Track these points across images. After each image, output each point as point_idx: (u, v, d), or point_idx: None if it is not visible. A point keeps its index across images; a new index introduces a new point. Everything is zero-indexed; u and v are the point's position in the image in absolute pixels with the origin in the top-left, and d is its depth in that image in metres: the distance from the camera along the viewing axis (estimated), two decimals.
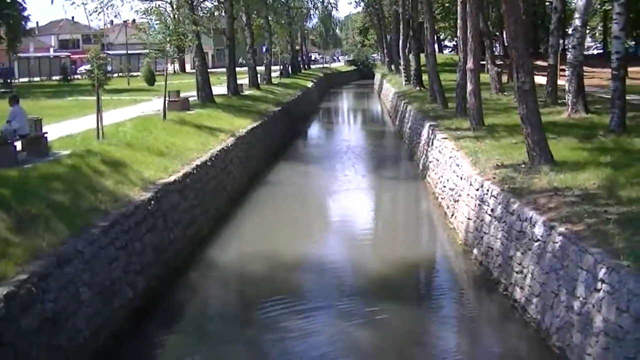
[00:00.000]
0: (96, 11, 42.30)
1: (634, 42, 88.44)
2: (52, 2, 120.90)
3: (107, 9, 43.18)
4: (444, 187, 27.59)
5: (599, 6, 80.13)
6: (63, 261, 14.37)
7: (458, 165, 25.56)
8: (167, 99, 35.64)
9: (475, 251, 21.08)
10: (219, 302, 19.37)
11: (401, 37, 71.90)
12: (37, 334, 12.63)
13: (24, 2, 66.05)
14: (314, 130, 67.34)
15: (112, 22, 53.84)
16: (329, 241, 26.21)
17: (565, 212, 15.97)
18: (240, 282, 20.75)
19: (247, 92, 57.20)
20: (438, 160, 30.24)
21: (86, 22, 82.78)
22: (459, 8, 36.39)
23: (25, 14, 70.41)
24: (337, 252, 24.64)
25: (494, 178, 21.16)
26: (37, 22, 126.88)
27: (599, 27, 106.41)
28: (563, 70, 36.12)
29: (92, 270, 15.54)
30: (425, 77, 57.09)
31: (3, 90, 56.69)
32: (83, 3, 38.89)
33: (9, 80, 70.63)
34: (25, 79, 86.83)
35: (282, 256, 22.64)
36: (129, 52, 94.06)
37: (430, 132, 34.22)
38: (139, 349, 16.15)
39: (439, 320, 18.33)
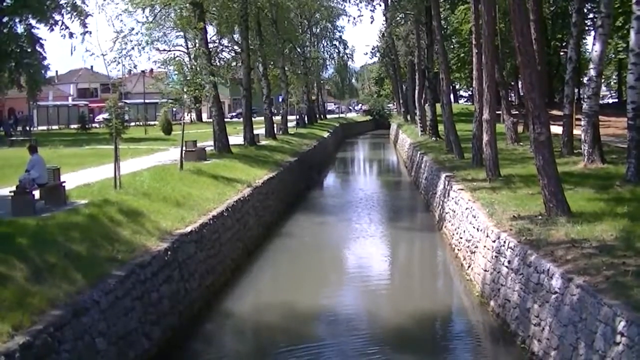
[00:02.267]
0: (115, 61, 42.61)
1: None
2: (71, 53, 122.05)
3: (125, 59, 43.54)
4: (461, 238, 27.50)
5: (613, 55, 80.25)
6: (79, 311, 14.37)
7: (474, 217, 25.49)
8: (184, 148, 35.81)
9: (492, 303, 20.94)
10: (234, 353, 19.28)
11: (417, 87, 72.29)
12: None
13: (44, 52, 66.46)
14: (330, 180, 67.33)
15: (130, 71, 54.18)
16: (344, 292, 26.05)
17: (583, 264, 15.87)
18: (256, 333, 20.65)
19: (263, 142, 57.43)
20: (454, 212, 30.17)
21: (104, 72, 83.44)
22: (474, 59, 36.57)
23: (45, 62, 70.87)
24: (353, 303, 24.52)
25: (511, 230, 21.08)
26: (56, 71, 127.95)
27: (614, 76, 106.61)
28: (578, 119, 36.11)
29: (108, 320, 15.54)
30: (441, 127, 57.19)
31: (22, 138, 57.11)
32: (102, 54, 39.24)
33: (28, 128, 71.11)
34: (44, 127, 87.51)
35: (298, 307, 22.57)
36: (147, 101, 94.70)
37: (447, 183, 34.19)
38: None
39: None
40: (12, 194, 21.26)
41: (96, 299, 15.33)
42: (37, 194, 22.30)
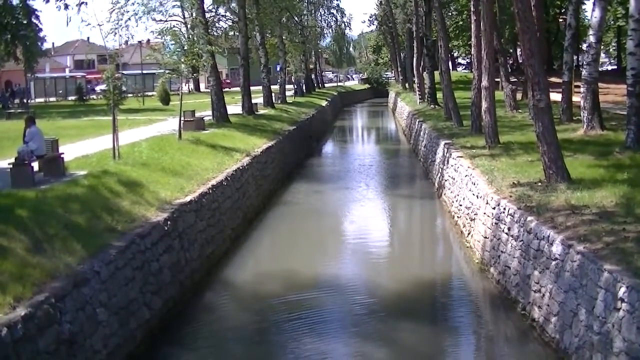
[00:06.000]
0: (112, 32, 42.41)
1: None
2: (67, 24, 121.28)
3: (122, 30, 43.34)
4: (460, 205, 27.51)
5: (612, 22, 79.99)
6: (80, 282, 14.38)
7: (474, 184, 25.48)
8: (182, 118, 35.74)
9: (492, 270, 20.99)
10: (235, 322, 19.27)
11: (415, 55, 72.05)
12: (54, 355, 12.61)
13: (40, 23, 66.37)
14: (329, 148, 67.31)
15: (126, 42, 53.97)
16: (344, 260, 26.10)
17: (583, 231, 15.88)
18: (256, 302, 20.63)
19: (262, 112, 57.26)
20: (454, 179, 30.17)
21: (101, 43, 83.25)
22: (472, 26, 36.39)
23: (42, 34, 70.75)
24: (353, 271, 24.57)
25: (511, 196, 21.07)
26: (52, 43, 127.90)
27: (613, 43, 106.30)
28: (577, 87, 36.01)
29: (109, 290, 15.55)
30: (439, 94, 57.10)
31: (19, 110, 56.93)
32: (99, 24, 39.03)
33: (25, 101, 70.97)
34: (42, 99, 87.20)
35: (298, 275, 22.66)
36: (144, 71, 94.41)
37: (446, 150, 34.16)
38: None
39: (456, 339, 18.22)
40: (11, 166, 21.18)
41: (96, 269, 15.32)
42: (35, 165, 22.23)
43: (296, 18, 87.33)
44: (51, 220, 16.79)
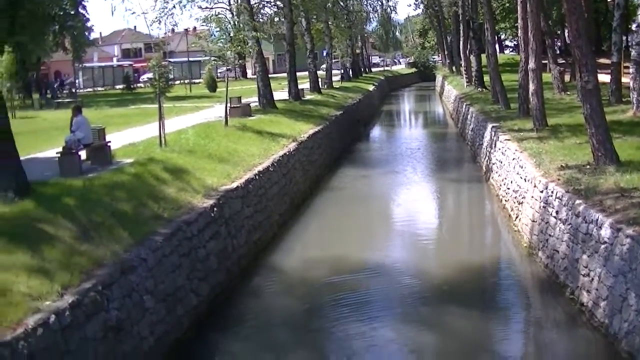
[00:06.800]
0: (156, 20, 42.64)
1: None
2: (112, 13, 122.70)
3: (166, 18, 43.56)
4: (508, 189, 27.28)
5: None
6: (127, 269, 14.50)
7: (522, 167, 25.25)
8: (228, 105, 35.83)
9: (540, 254, 20.79)
10: (282, 308, 19.30)
11: (461, 38, 71.38)
12: (102, 342, 12.73)
13: (87, 13, 67.00)
14: (376, 133, 67.18)
15: (172, 30, 54.28)
16: (393, 245, 26.07)
17: (633, 214, 15.63)
18: (304, 288, 20.64)
19: (308, 97, 57.23)
20: (501, 162, 29.92)
21: (147, 32, 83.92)
22: (519, 8, 35.93)
23: (89, 24, 71.40)
24: (401, 256, 24.51)
25: (559, 179, 20.84)
26: (100, 33, 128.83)
27: None
28: (627, 67, 35.48)
29: (156, 277, 15.66)
30: (486, 78, 56.60)
31: (68, 100, 57.55)
32: (143, 13, 39.30)
33: (73, 90, 71.72)
34: (90, 89, 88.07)
35: (346, 261, 22.61)
36: (190, 59, 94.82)
37: (493, 133, 33.88)
38: (203, 356, 16.22)
39: (505, 324, 18.09)
40: (59, 155, 21.42)
41: (143, 256, 15.44)
42: (83, 154, 22.45)
43: (342, 3, 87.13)
44: (98, 208, 16.94)
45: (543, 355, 16.33)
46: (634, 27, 34.05)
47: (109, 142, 24.25)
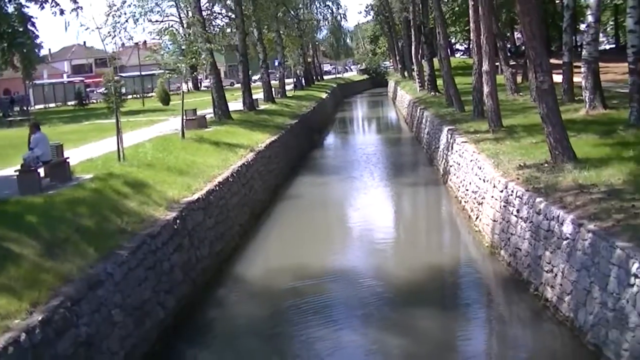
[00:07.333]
0: (110, 35, 42.41)
1: None
2: (65, 29, 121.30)
3: (120, 32, 43.36)
4: (467, 190, 27.53)
5: (609, 1, 79.84)
6: (94, 284, 14.43)
7: (480, 168, 25.49)
8: (184, 117, 35.77)
9: (502, 253, 21.01)
10: (247, 316, 19.27)
11: (413, 43, 71.92)
12: (72, 359, 12.66)
13: (37, 30, 66.29)
14: (331, 140, 67.37)
15: (123, 44, 54.02)
16: (353, 249, 26.13)
17: (593, 209, 15.90)
18: (267, 295, 20.63)
19: (262, 107, 57.34)
20: (459, 164, 30.18)
21: (97, 46, 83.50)
22: (471, 11, 36.29)
23: (38, 41, 70.72)
24: (362, 259, 24.58)
25: (518, 179, 21.09)
26: (49, 49, 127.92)
27: (610, 22, 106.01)
28: (577, 67, 36.00)
29: (123, 291, 15.60)
30: (439, 81, 57.07)
31: (20, 118, 57.04)
32: (97, 28, 39.20)
33: (25, 108, 71.03)
34: (41, 106, 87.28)
35: (307, 267, 22.68)
36: (142, 73, 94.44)
37: (450, 136, 34.16)
38: None
39: (469, 323, 18.22)
40: (18, 173, 21.21)
41: (110, 271, 15.37)
42: (42, 171, 22.24)
43: (292, 12, 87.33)
44: (61, 224, 16.83)
45: (509, 350, 16.47)
46: (583, 27, 34.60)
47: (68, 158, 24.06)
